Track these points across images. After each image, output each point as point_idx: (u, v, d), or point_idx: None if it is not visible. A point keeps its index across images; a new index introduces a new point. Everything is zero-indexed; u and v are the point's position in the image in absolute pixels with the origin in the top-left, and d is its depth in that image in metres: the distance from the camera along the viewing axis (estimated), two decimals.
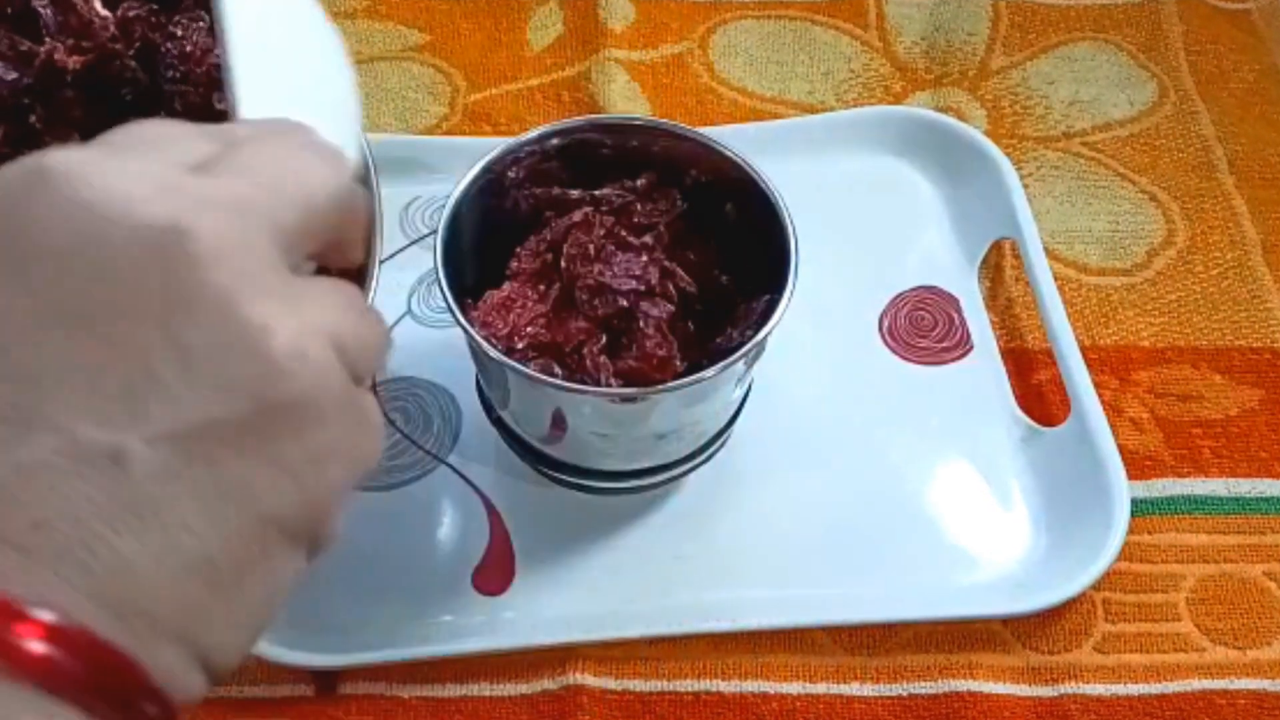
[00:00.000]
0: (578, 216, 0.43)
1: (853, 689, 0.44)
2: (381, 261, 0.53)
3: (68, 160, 0.22)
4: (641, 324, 0.41)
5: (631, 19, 0.64)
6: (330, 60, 0.33)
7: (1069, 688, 0.44)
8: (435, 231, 0.41)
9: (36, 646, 0.20)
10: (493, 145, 0.44)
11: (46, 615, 0.20)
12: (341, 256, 0.28)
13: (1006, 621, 0.46)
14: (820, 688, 0.44)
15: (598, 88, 0.61)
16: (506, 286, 0.42)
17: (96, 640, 0.20)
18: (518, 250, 0.43)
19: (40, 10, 0.40)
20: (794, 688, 0.44)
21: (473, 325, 0.40)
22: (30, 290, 0.22)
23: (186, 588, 0.22)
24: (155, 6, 0.42)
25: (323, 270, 0.28)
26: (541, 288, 0.42)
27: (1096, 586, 0.46)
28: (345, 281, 0.26)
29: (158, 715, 0.21)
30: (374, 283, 0.33)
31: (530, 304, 0.42)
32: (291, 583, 0.24)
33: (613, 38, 0.63)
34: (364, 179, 0.31)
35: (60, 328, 0.21)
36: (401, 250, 0.55)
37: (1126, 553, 0.47)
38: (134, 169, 0.23)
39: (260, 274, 0.23)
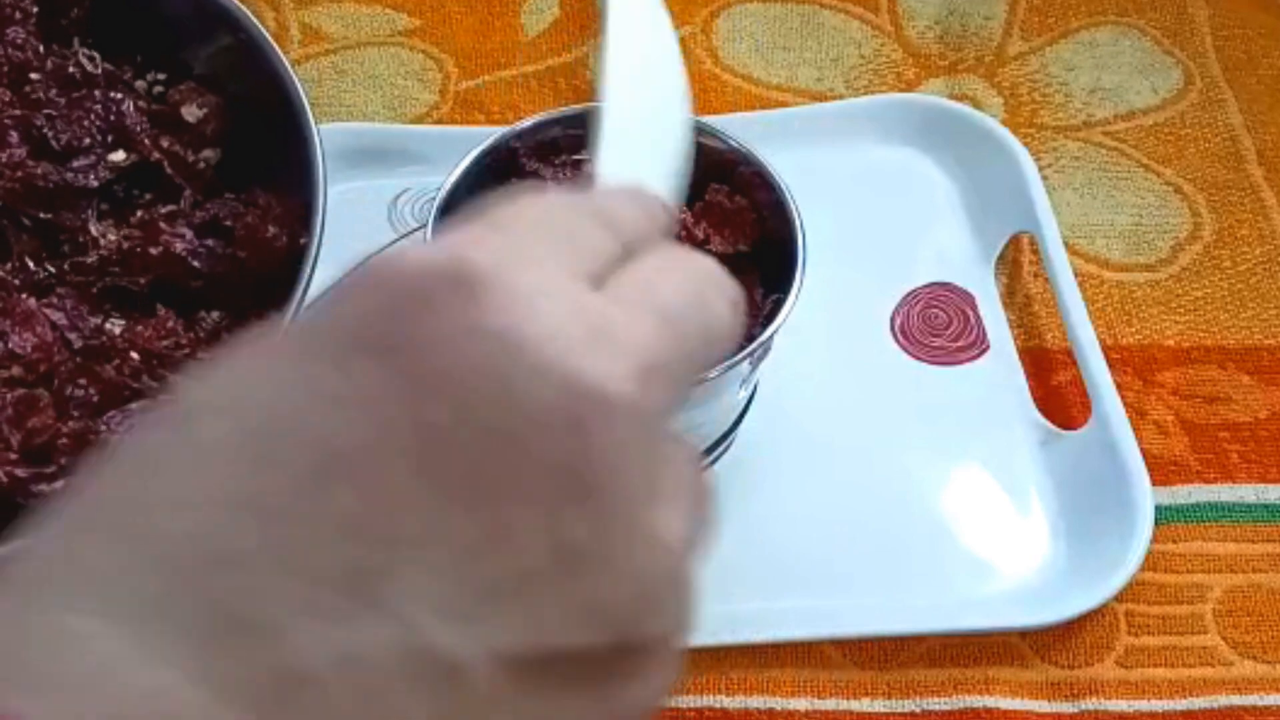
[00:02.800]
0: None
1: (863, 705, 0.44)
2: (369, 258, 0.54)
3: (484, 258, 0.19)
4: None
5: None
6: (676, 104, 0.32)
7: (1090, 704, 0.44)
8: (425, 226, 0.41)
9: None
10: (486, 135, 0.44)
11: None
12: None
13: (1024, 634, 0.46)
14: (829, 703, 0.44)
15: (596, 74, 0.61)
16: None
17: None
18: None
19: None
20: (801, 703, 0.44)
21: None
22: (417, 426, 0.18)
23: None
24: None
25: None
26: None
27: (1119, 598, 0.46)
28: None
29: None
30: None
31: None
32: None
33: None
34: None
35: (438, 488, 0.18)
36: (390, 245, 0.55)
37: (1150, 562, 0.47)
38: (559, 292, 0.19)
39: (659, 462, 0.20)
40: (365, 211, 0.55)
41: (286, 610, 0.17)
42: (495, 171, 0.44)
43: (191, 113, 0.45)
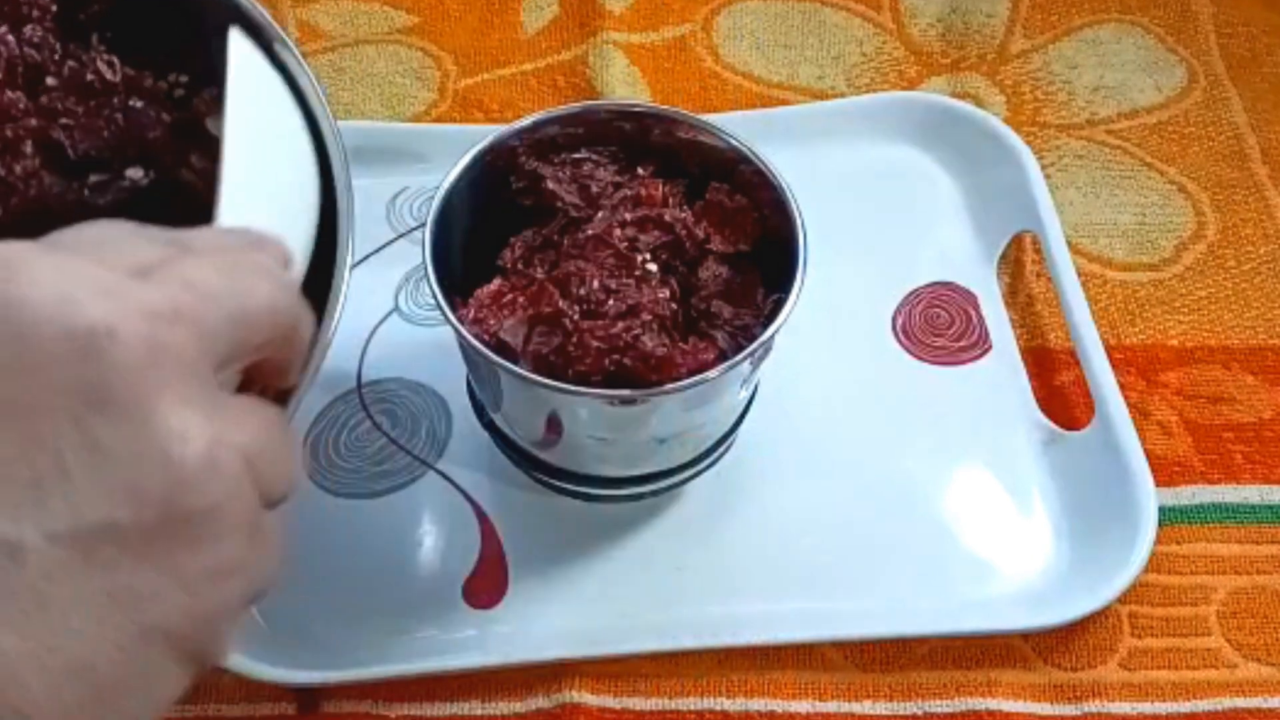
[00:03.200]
0: (596, 228, 0.42)
1: (865, 707, 0.44)
2: (366, 257, 0.54)
3: (9, 251, 0.24)
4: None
5: None
6: (304, 173, 0.36)
7: (1093, 706, 0.44)
8: (424, 224, 0.41)
9: None
10: (485, 133, 0.44)
11: None
12: (276, 377, 0.30)
13: (1027, 636, 0.46)
14: (830, 706, 0.44)
15: (595, 72, 0.61)
16: (497, 281, 0.42)
17: None
18: (512, 240, 0.43)
19: None
20: (803, 706, 0.44)
21: (463, 323, 0.40)
22: None
23: (63, 691, 0.22)
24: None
25: (247, 384, 0.29)
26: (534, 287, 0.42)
27: (1122, 599, 0.46)
28: (268, 403, 0.28)
29: None
30: (300, 398, 0.33)
31: (523, 300, 0.42)
32: (172, 699, 0.25)
33: (611, 19, 0.63)
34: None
35: None
36: (389, 244, 0.55)
37: (1154, 564, 0.47)
38: (73, 268, 0.24)
39: (183, 382, 0.24)
40: (363, 210, 0.55)
41: None
42: (494, 170, 0.44)
43: (216, 125, 0.45)
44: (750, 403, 0.47)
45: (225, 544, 0.24)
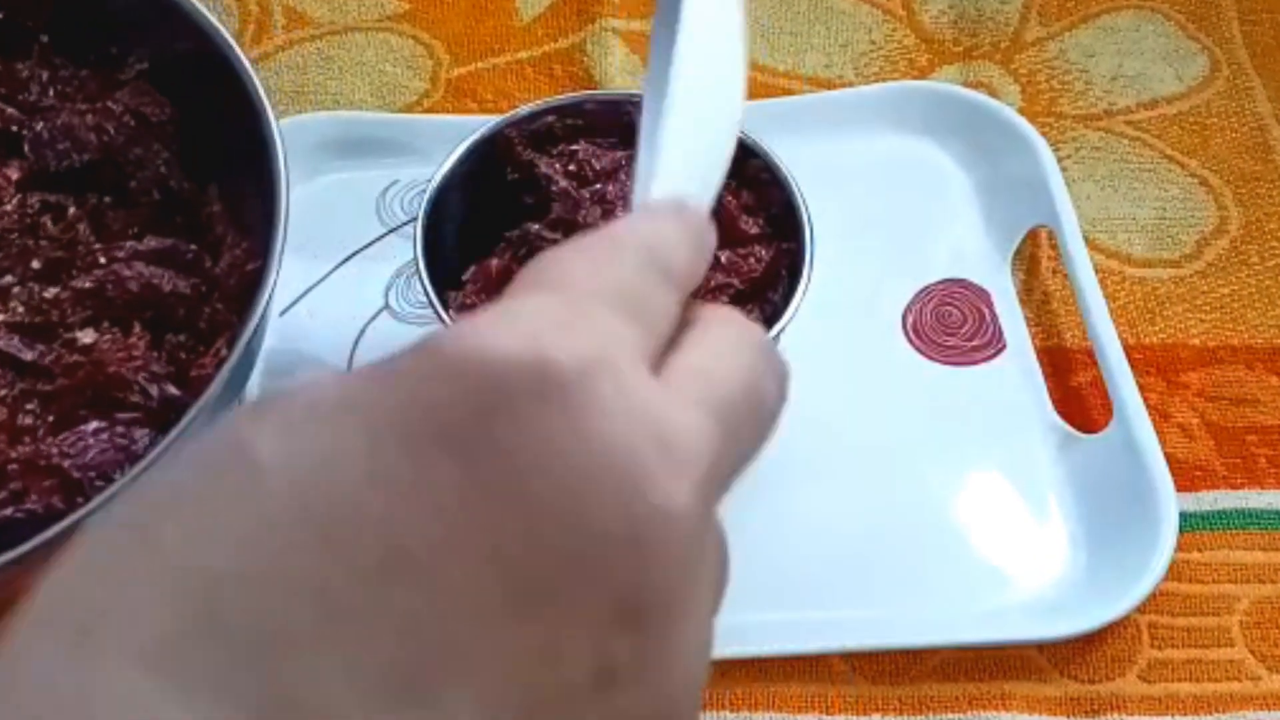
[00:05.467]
0: (596, 223, 0.42)
1: None
2: (356, 252, 0.54)
3: (580, 384, 0.19)
4: None
5: None
6: (733, 103, 0.31)
7: None
8: (416, 219, 0.42)
9: None
10: (478, 124, 0.44)
11: None
12: None
13: (1042, 647, 0.46)
14: None
15: (594, 61, 0.61)
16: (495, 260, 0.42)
17: None
18: (507, 235, 0.43)
19: None
20: None
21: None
22: (485, 533, 0.19)
23: None
24: None
25: None
26: None
27: (1141, 609, 0.46)
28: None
29: None
30: None
31: None
32: None
33: (610, 6, 0.63)
34: None
35: (498, 598, 0.19)
36: (379, 239, 0.55)
37: (1174, 572, 0.47)
38: (628, 396, 0.20)
39: (701, 577, 0.21)
40: (352, 205, 0.55)
41: (341, 701, 0.18)
42: (488, 162, 0.44)
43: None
44: None
45: None
